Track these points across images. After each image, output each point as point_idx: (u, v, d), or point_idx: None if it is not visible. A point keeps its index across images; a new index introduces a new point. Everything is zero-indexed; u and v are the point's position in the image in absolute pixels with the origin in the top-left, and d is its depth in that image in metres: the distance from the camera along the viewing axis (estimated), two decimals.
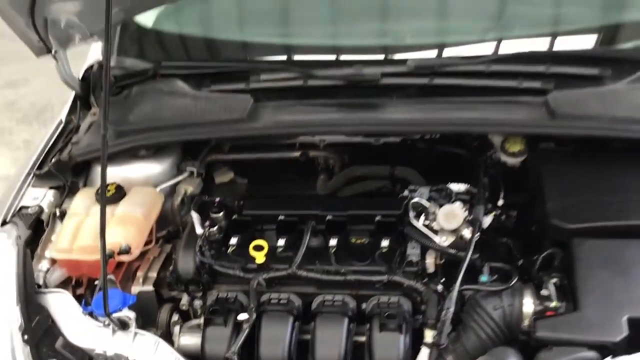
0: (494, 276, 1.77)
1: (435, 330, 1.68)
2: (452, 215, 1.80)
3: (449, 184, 1.92)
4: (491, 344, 1.63)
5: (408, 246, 1.84)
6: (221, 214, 1.97)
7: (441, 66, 2.10)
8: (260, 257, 1.85)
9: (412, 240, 1.84)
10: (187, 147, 2.21)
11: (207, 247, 1.90)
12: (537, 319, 1.61)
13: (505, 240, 1.92)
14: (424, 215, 1.84)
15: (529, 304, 1.65)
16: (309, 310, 1.79)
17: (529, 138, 2.01)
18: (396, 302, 1.75)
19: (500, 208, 1.92)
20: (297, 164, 2.25)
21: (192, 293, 1.92)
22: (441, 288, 1.75)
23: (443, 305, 1.68)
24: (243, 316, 1.75)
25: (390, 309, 1.72)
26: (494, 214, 1.87)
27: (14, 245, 1.86)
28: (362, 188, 2.24)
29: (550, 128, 1.91)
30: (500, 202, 1.93)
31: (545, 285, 1.68)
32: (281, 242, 1.90)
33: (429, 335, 1.70)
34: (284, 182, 2.28)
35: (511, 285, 1.70)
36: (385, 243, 1.86)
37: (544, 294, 1.67)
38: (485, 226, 1.83)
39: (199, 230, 1.94)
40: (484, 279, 1.76)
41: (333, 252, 1.86)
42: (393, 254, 1.84)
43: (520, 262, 1.84)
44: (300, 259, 1.82)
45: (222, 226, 1.97)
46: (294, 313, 1.77)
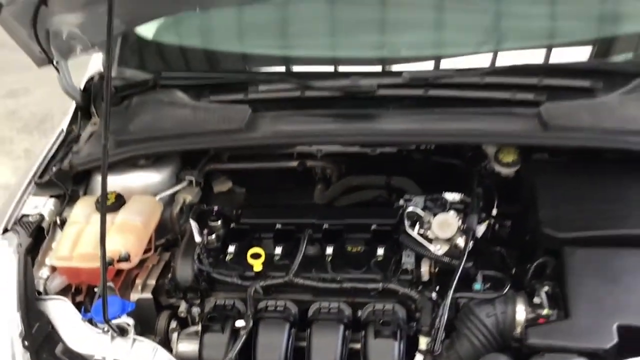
0: (487, 284, 1.80)
1: (430, 337, 1.70)
2: (447, 224, 1.82)
3: (444, 193, 1.93)
4: (484, 351, 1.65)
5: (403, 254, 1.85)
6: (219, 223, 1.99)
7: (436, 78, 2.12)
8: (257, 265, 1.87)
9: (407, 249, 1.85)
10: (186, 157, 2.23)
11: (205, 255, 1.92)
12: (529, 326, 1.62)
13: (499, 249, 1.95)
14: (418, 224, 1.86)
15: (521, 312, 1.66)
16: (306, 317, 1.80)
17: (522, 149, 2.03)
18: (391, 310, 1.77)
19: (494, 217, 1.94)
20: (295, 174, 2.27)
21: (190, 300, 1.93)
22: (435, 296, 1.77)
23: (437, 313, 1.70)
24: (240, 323, 1.76)
25: (385, 316, 1.74)
26: (487, 223, 1.89)
27: (14, 253, 1.87)
28: (359, 197, 2.26)
29: (542, 139, 1.94)
30: (494, 212, 1.95)
31: (537, 293, 1.70)
32: (278, 250, 1.92)
33: (423, 342, 1.72)
34: (281, 192, 2.30)
35: (504, 293, 1.73)
36: (380, 251, 1.88)
37: (536, 301, 1.68)
38: (479, 235, 1.85)
39: (198, 239, 1.96)
40: (478, 287, 1.79)
41: (329, 260, 1.88)
42: (388, 262, 1.86)
43: (514, 271, 1.86)
44: (297, 266, 1.84)
45: (220, 234, 1.99)
46: (291, 320, 1.78)
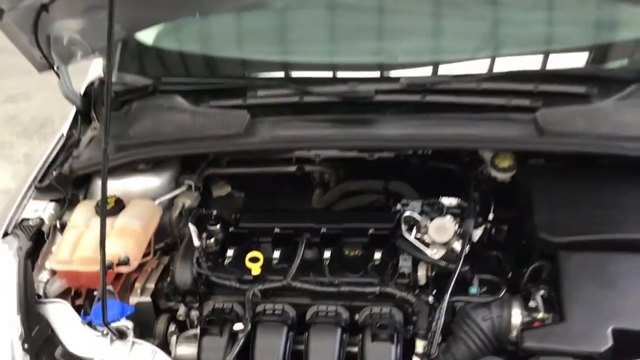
0: (484, 288, 1.81)
1: (426, 340, 1.71)
2: (443, 229, 1.83)
3: (441, 198, 1.95)
4: (480, 354, 1.67)
5: (400, 258, 1.86)
6: (218, 227, 2.00)
7: (433, 84, 2.13)
8: (255, 269, 1.88)
9: (404, 253, 1.86)
10: (186, 161, 2.24)
11: (204, 259, 1.93)
12: (525, 330, 1.64)
13: (495, 253, 1.96)
14: (415, 228, 1.87)
15: (517, 315, 1.68)
16: (303, 320, 1.81)
17: (518, 154, 2.04)
18: (388, 313, 1.78)
19: (490, 222, 1.95)
20: (293, 178, 2.28)
21: (189, 304, 1.94)
22: (432, 299, 1.78)
23: (434, 316, 1.72)
24: (238, 326, 1.78)
25: (382, 320, 1.75)
26: (483, 227, 1.91)
27: (15, 257, 1.88)
28: (357, 202, 2.27)
29: (538, 144, 1.95)
30: (491, 216, 1.96)
31: (533, 297, 1.71)
32: (276, 254, 1.93)
33: (420, 345, 1.73)
34: (280, 196, 2.31)
35: (500, 297, 1.74)
36: (378, 255, 1.88)
37: (532, 305, 1.70)
38: (475, 239, 1.87)
39: (196, 243, 1.97)
40: (474, 290, 1.80)
41: (327, 264, 1.88)
42: (385, 266, 1.87)
43: (510, 275, 1.87)
44: (295, 270, 1.85)
45: (219, 238, 2.00)
46: (289, 323, 1.79)
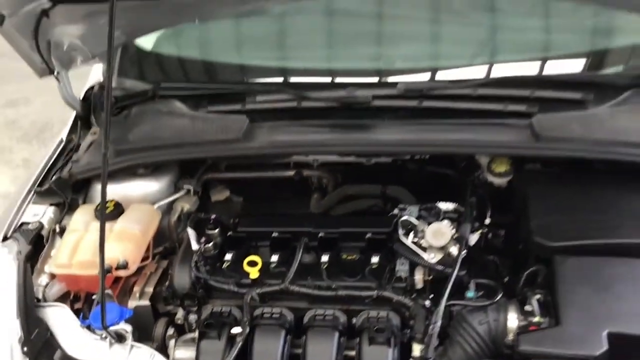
0: (480, 292, 1.82)
1: (423, 344, 1.72)
2: (440, 233, 1.84)
3: (438, 202, 1.96)
4: (476, 358, 1.67)
5: (397, 262, 1.87)
6: (217, 231, 2.01)
7: (430, 89, 2.14)
8: (254, 273, 1.89)
9: (401, 257, 1.88)
10: (185, 166, 2.25)
11: (203, 263, 1.94)
12: (521, 334, 1.64)
13: (492, 257, 1.97)
14: (413, 232, 1.88)
15: (513, 319, 1.69)
16: (301, 324, 1.81)
17: (514, 159, 2.05)
18: (385, 317, 1.78)
19: (487, 226, 1.97)
20: (292, 183, 2.29)
21: (188, 307, 1.94)
22: (429, 303, 1.79)
23: (431, 320, 1.72)
24: (236, 330, 1.79)
25: (380, 323, 1.76)
26: (480, 232, 1.92)
27: (14, 260, 1.89)
28: (354, 207, 2.28)
29: (534, 150, 1.96)
30: (487, 221, 1.97)
31: (529, 301, 1.72)
32: (274, 258, 1.93)
33: (416, 349, 1.74)
34: (278, 201, 2.32)
35: (496, 301, 1.75)
36: (375, 259, 1.89)
37: (528, 309, 1.70)
38: (471, 244, 1.87)
39: (195, 247, 1.98)
40: (470, 294, 1.81)
41: (324, 268, 1.89)
42: (383, 270, 1.88)
43: (506, 279, 1.89)
44: (292, 274, 1.86)
45: (218, 242, 2.01)
46: (286, 327, 1.80)
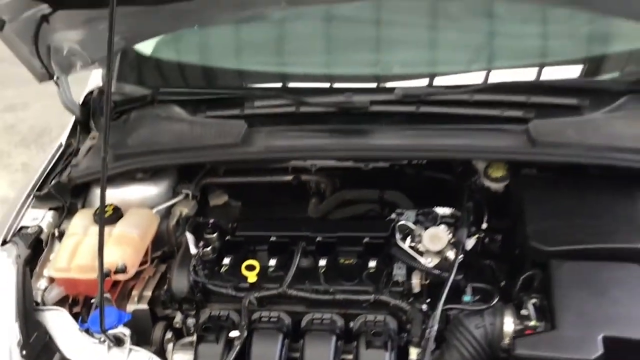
0: (477, 296, 1.83)
1: (420, 348, 1.73)
2: (437, 238, 1.85)
3: (435, 207, 1.97)
4: None
5: (394, 267, 1.88)
6: (215, 235, 2.02)
7: (427, 95, 2.16)
8: (252, 277, 1.90)
9: (399, 261, 1.88)
10: (183, 171, 2.25)
11: (201, 267, 1.95)
12: (517, 337, 1.65)
13: (488, 262, 1.97)
14: (410, 237, 1.89)
15: (509, 323, 1.70)
16: (299, 328, 1.82)
17: (511, 164, 2.06)
18: (382, 321, 1.79)
19: (483, 231, 1.98)
20: (290, 188, 2.30)
21: (186, 311, 1.96)
22: (426, 307, 1.80)
23: (427, 324, 1.73)
24: (234, 333, 1.79)
25: (377, 327, 1.76)
26: (477, 236, 1.93)
27: (13, 264, 1.89)
28: (352, 211, 2.29)
29: (530, 155, 1.98)
30: (484, 226, 1.98)
31: (525, 305, 1.73)
32: (272, 262, 1.94)
33: (413, 352, 1.75)
34: (276, 205, 2.32)
35: (492, 305, 1.76)
36: (372, 264, 1.90)
37: (524, 313, 1.71)
38: (468, 248, 1.89)
39: (193, 251, 1.99)
40: (467, 298, 1.82)
41: (322, 272, 1.90)
42: (380, 274, 1.89)
43: (503, 283, 1.89)
44: (290, 278, 1.86)
45: (216, 247, 2.02)
46: (284, 331, 1.81)
